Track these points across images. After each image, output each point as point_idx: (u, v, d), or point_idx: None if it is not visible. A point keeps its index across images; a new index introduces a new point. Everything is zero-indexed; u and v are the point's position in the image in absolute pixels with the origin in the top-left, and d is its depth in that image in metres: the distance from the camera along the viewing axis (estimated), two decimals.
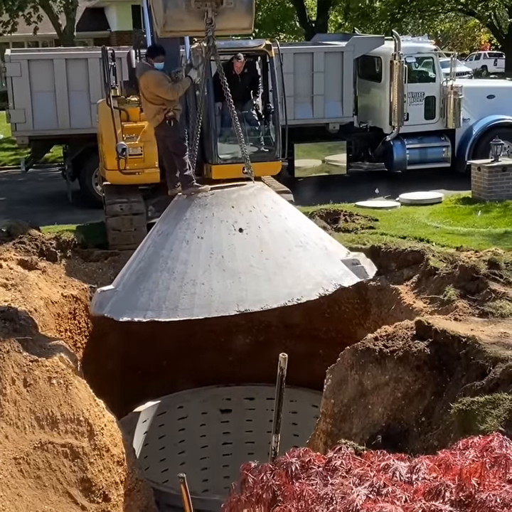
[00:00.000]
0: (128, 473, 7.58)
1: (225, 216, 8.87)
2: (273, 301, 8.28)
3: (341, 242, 11.54)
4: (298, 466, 3.93)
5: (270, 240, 8.92)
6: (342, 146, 17.40)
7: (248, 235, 8.84)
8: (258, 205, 9.13)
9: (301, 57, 16.88)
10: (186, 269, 8.50)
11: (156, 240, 8.84)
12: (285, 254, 8.85)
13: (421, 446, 6.58)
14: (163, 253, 8.65)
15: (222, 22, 8.56)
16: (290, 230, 9.17)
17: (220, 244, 8.71)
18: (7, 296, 9.02)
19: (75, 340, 10.32)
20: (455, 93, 17.32)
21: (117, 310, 8.46)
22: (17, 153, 21.74)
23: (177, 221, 8.85)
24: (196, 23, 8.56)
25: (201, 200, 8.97)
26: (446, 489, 3.46)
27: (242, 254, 8.70)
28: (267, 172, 12.70)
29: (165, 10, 8.46)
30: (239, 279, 8.44)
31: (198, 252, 8.65)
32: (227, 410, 11.35)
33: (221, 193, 9.05)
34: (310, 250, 9.10)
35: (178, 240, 8.70)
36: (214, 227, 8.78)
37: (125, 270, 8.98)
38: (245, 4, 8.61)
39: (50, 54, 17.18)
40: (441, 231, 12.30)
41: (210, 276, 8.45)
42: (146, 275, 8.55)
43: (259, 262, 8.70)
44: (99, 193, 14.94)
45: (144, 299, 8.34)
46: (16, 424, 6.77)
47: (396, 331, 7.69)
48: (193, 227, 8.76)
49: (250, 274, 8.54)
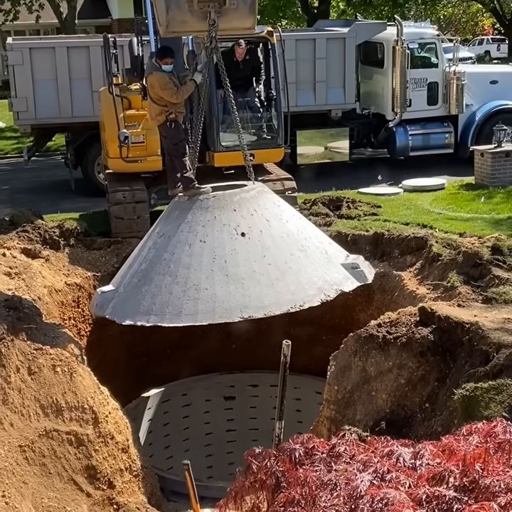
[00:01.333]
0: (133, 460, 7.61)
1: (228, 220, 8.87)
2: (276, 307, 8.30)
3: (344, 229, 11.56)
4: (302, 453, 3.95)
5: (272, 244, 8.95)
6: (344, 132, 17.34)
7: (250, 240, 8.86)
8: (260, 209, 9.16)
9: (303, 43, 16.81)
10: (189, 273, 8.51)
11: (158, 242, 8.81)
12: (287, 259, 8.89)
13: (425, 432, 6.60)
14: (166, 256, 8.65)
15: (225, 22, 8.54)
16: (291, 233, 9.21)
17: (223, 249, 8.71)
18: (11, 284, 9.03)
19: (79, 328, 10.34)
20: (458, 79, 17.24)
21: (119, 313, 8.45)
22: (19, 142, 21.72)
23: (179, 223, 8.83)
24: (199, 23, 8.54)
25: (203, 203, 8.95)
26: (450, 475, 3.47)
27: (244, 259, 8.72)
28: (270, 159, 12.68)
29: (167, 11, 8.42)
30: (242, 285, 8.46)
31: (200, 256, 8.65)
32: (231, 397, 11.38)
33: (223, 195, 9.03)
34: (311, 255, 9.17)
35: (181, 243, 8.71)
36: (216, 231, 8.78)
37: (125, 270, 8.92)
38: (248, 4, 8.58)
39: (51, 42, 17.12)
40: (444, 217, 12.27)
41: (213, 282, 8.47)
42: (148, 278, 8.52)
43: (261, 267, 8.72)
44: (102, 181, 14.92)
45: (146, 302, 8.33)
46: (20, 412, 6.79)
47: (399, 318, 7.70)
48: (195, 231, 8.75)
49: (253, 279, 8.56)
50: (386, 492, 3.36)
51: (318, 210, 12.55)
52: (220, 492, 4.76)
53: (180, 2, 8.38)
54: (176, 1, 8.38)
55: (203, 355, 11.17)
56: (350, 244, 11.28)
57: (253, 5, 8.61)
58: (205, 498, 6.84)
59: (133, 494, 7.48)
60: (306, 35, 17.69)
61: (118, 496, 7.28)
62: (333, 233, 11.52)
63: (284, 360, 6.70)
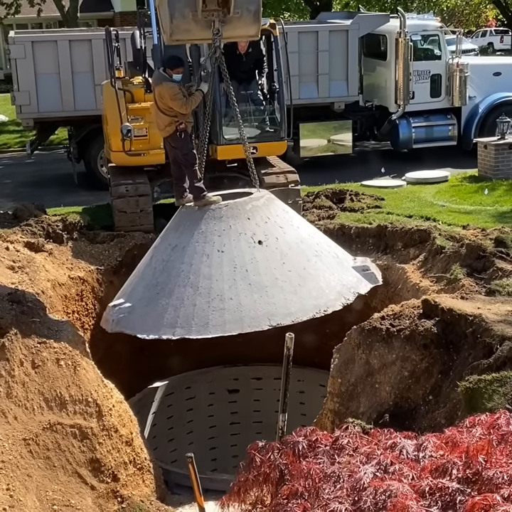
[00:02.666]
0: (137, 453, 7.62)
1: (243, 228, 8.95)
2: (302, 313, 8.39)
3: (348, 222, 11.55)
4: (305, 445, 3.96)
5: (289, 251, 9.05)
6: (347, 125, 17.31)
7: (268, 247, 8.95)
8: (272, 216, 9.27)
9: (305, 36, 16.77)
10: (211, 284, 8.54)
11: (172, 254, 8.81)
12: (305, 265, 9.02)
13: (428, 424, 6.60)
14: (183, 267, 8.66)
15: (229, 30, 8.57)
16: (304, 239, 9.36)
17: (242, 258, 8.78)
18: (14, 278, 9.04)
19: (83, 322, 10.35)
20: (461, 71, 17.19)
21: (140, 327, 8.43)
22: (22, 136, 21.71)
23: (192, 234, 8.86)
24: (203, 32, 8.56)
25: (216, 213, 8.98)
26: (453, 467, 3.47)
27: (265, 267, 8.80)
28: (273, 152, 12.66)
29: (171, 20, 8.42)
30: (266, 293, 8.51)
31: (220, 266, 8.70)
32: (235, 390, 11.39)
33: (235, 204, 9.10)
34: (325, 259, 9.34)
35: (197, 254, 8.74)
36: (233, 240, 8.84)
37: (136, 283, 8.87)
38: (252, 13, 8.57)
39: (53, 36, 17.11)
40: (448, 210, 12.26)
41: (237, 291, 8.52)
42: (168, 290, 8.51)
43: (282, 274, 8.82)
44: (105, 174, 14.91)
45: (169, 315, 8.34)
46: (24, 405, 6.80)
47: (403, 310, 7.69)
48: (211, 241, 8.80)
49: (276, 287, 8.64)
50: (389, 484, 3.37)
51: (322, 203, 12.55)
52: (224, 485, 4.77)
53: (185, 11, 8.38)
54: (180, 10, 8.38)
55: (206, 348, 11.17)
56: (354, 237, 11.28)
57: (257, 13, 8.61)
58: (209, 490, 6.87)
59: (137, 487, 7.50)
60: (308, 28, 17.64)
61: (122, 489, 7.29)
62: (337, 226, 11.52)
63: (288, 352, 6.71)
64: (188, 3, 8.36)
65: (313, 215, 12.05)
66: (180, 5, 8.38)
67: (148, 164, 12.29)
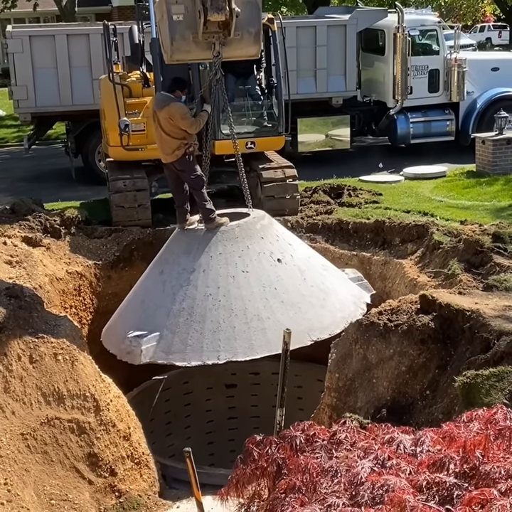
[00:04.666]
0: (134, 447, 7.63)
1: (260, 248, 9.06)
2: (334, 326, 8.54)
3: (345, 217, 11.56)
4: (302, 440, 3.96)
5: (305, 267, 9.27)
6: (345, 120, 17.30)
7: (287, 265, 9.13)
8: (279, 234, 9.48)
9: (303, 31, 16.75)
10: (244, 304, 8.59)
11: (191, 278, 8.77)
12: (321, 280, 9.26)
13: (425, 419, 6.61)
14: (209, 291, 8.66)
15: (229, 51, 8.63)
16: (311, 255, 9.63)
17: (268, 277, 8.88)
18: (12, 273, 9.04)
19: (80, 317, 10.35)
20: (459, 66, 17.17)
21: (178, 355, 8.36)
22: (20, 130, 21.68)
23: (210, 256, 8.87)
24: (203, 52, 8.63)
25: (230, 234, 9.02)
26: (450, 461, 3.48)
27: (290, 284, 8.95)
28: (270, 147, 12.65)
29: (172, 42, 8.45)
30: (299, 309, 8.62)
31: (248, 286, 8.76)
32: (233, 385, 11.38)
33: (245, 224, 9.19)
34: (332, 273, 9.66)
35: (222, 276, 8.75)
36: (254, 260, 8.93)
37: (153, 312, 8.77)
38: (253, 35, 8.63)
39: (51, 30, 17.06)
40: (446, 205, 12.26)
41: (272, 309, 8.60)
42: (198, 315, 8.50)
43: (307, 290, 9.00)
44: (103, 169, 14.90)
45: (208, 340, 8.32)
46: (22, 400, 6.81)
47: (400, 305, 7.70)
48: (233, 262, 8.84)
49: (306, 302, 8.77)
50: (387, 479, 3.37)
51: (319, 198, 12.54)
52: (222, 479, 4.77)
53: (185, 33, 8.42)
54: (181, 32, 8.42)
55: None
56: (352, 232, 11.29)
57: (258, 35, 8.67)
58: (207, 485, 6.87)
59: (134, 482, 7.51)
60: (306, 23, 17.62)
61: (120, 484, 7.31)
62: (334, 221, 11.52)
63: (285, 347, 6.72)
64: (188, 25, 8.41)
65: (311, 210, 12.05)
66: (180, 27, 8.42)
67: (146, 159, 12.27)
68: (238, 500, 4.10)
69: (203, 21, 8.27)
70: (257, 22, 8.70)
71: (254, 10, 8.65)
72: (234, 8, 8.28)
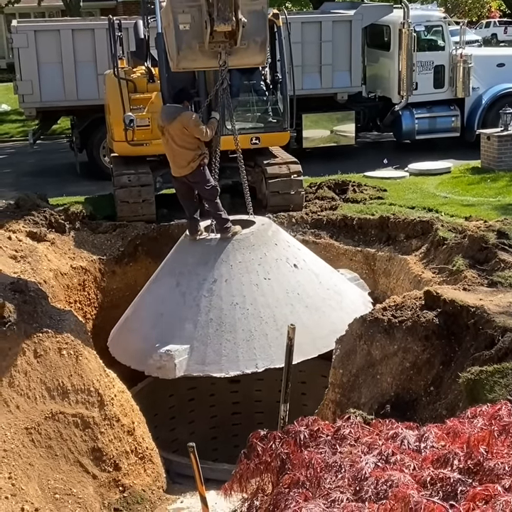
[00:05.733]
0: (138, 442, 7.64)
1: (277, 254, 9.15)
2: None
3: (350, 213, 11.55)
4: (306, 435, 3.96)
5: (318, 270, 9.43)
6: (350, 116, 17.28)
7: (303, 270, 9.24)
8: (288, 239, 9.64)
9: (309, 26, 16.72)
10: (272, 311, 8.64)
11: (214, 289, 8.78)
12: (334, 282, 9.44)
13: (429, 415, 6.61)
14: (235, 300, 8.69)
15: (235, 60, 8.68)
16: (316, 258, 9.76)
17: (289, 282, 8.97)
18: (17, 267, 9.05)
19: (85, 312, 10.36)
20: (464, 62, 17.14)
21: (213, 366, 8.36)
22: (25, 125, 21.68)
23: (230, 266, 8.90)
24: (209, 61, 8.67)
25: (245, 242, 9.07)
26: (454, 457, 3.48)
27: (310, 288, 9.06)
28: (275, 143, 12.64)
29: (178, 51, 8.50)
30: (323, 313, 8.71)
31: (273, 292, 8.83)
32: (236, 380, 11.39)
33: (258, 232, 9.26)
34: (336, 274, 9.81)
35: (245, 285, 8.80)
36: (273, 267, 9.01)
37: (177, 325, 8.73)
38: (259, 44, 8.66)
39: (56, 25, 17.06)
40: (450, 201, 12.24)
41: (299, 315, 8.66)
42: (228, 325, 8.52)
43: (325, 293, 9.15)
44: (107, 164, 14.90)
45: (243, 349, 8.34)
46: (26, 394, 6.82)
47: (405, 301, 7.69)
48: (254, 270, 8.90)
49: (327, 306, 8.89)
50: (390, 474, 3.37)
51: (324, 194, 12.53)
52: (225, 474, 4.78)
53: (192, 43, 8.47)
54: (187, 42, 8.47)
55: None
56: (356, 228, 11.28)
57: (264, 44, 8.71)
58: (211, 480, 6.87)
59: (138, 476, 7.52)
60: (312, 18, 17.60)
61: (124, 478, 7.32)
62: (339, 217, 11.51)
63: (289, 343, 6.72)
64: (195, 35, 8.45)
65: (315, 206, 12.04)
66: (187, 37, 8.46)
67: (151, 154, 12.28)
68: (242, 495, 4.10)
69: (209, 31, 8.30)
70: (263, 31, 8.73)
71: (261, 19, 8.69)
72: (240, 19, 8.31)
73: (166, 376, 8.55)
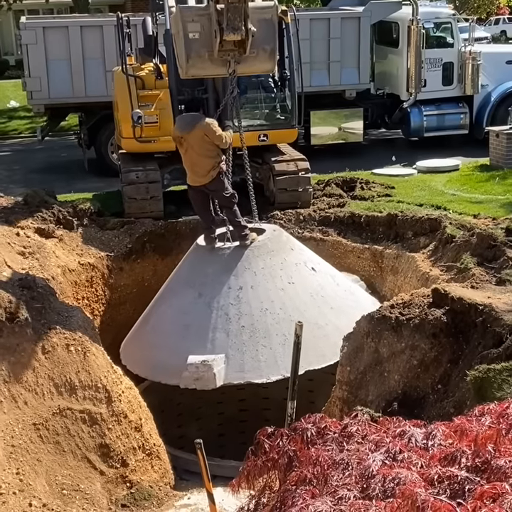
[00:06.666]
0: (145, 438, 7.65)
1: (295, 259, 9.27)
2: None
3: (358, 210, 11.54)
4: (314, 432, 3.96)
5: (333, 272, 9.61)
6: (358, 113, 17.27)
7: (320, 272, 9.39)
8: (299, 244, 9.74)
9: (317, 23, 16.71)
10: (302, 315, 8.62)
11: (241, 296, 8.80)
12: (347, 283, 9.64)
13: (437, 413, 6.60)
14: (265, 305, 8.74)
15: (244, 68, 8.70)
16: (322, 261, 9.87)
17: (311, 285, 9.09)
18: (25, 264, 9.07)
19: (92, 308, 10.38)
20: (473, 59, 17.10)
21: (253, 373, 8.38)
22: (33, 122, 21.73)
23: (254, 272, 8.94)
24: (218, 69, 8.69)
25: (264, 248, 9.13)
26: (462, 455, 3.47)
27: (330, 290, 9.23)
28: (283, 140, 12.63)
29: (187, 60, 8.51)
30: (347, 313, 8.74)
31: (298, 296, 8.92)
32: None
33: (274, 237, 9.36)
34: (342, 275, 9.98)
35: (272, 290, 8.86)
36: (294, 271, 9.10)
37: (208, 334, 8.70)
38: (268, 52, 8.67)
39: (65, 21, 17.10)
40: (459, 199, 12.22)
41: (327, 317, 8.78)
42: (262, 331, 8.55)
43: (343, 294, 9.32)
44: (115, 161, 14.92)
45: (280, 353, 8.36)
46: (34, 390, 6.83)
47: (412, 299, 7.68)
48: (278, 275, 8.97)
49: (349, 307, 8.98)
50: (398, 472, 3.36)
51: (332, 191, 12.52)
52: (232, 471, 4.78)
53: (201, 51, 8.49)
54: (197, 50, 8.49)
55: None
56: (364, 225, 11.27)
57: (273, 52, 8.72)
58: (218, 476, 6.89)
59: (146, 472, 7.53)
60: (320, 15, 17.59)
61: (131, 474, 7.33)
62: (347, 214, 11.50)
63: (297, 340, 6.72)
64: (204, 43, 8.46)
65: (323, 203, 12.03)
66: (196, 45, 8.47)
67: (159, 151, 12.29)
68: (249, 492, 4.10)
69: (218, 40, 8.31)
70: (272, 39, 8.73)
71: (270, 28, 8.68)
72: (250, 28, 8.31)
73: (205, 387, 8.51)
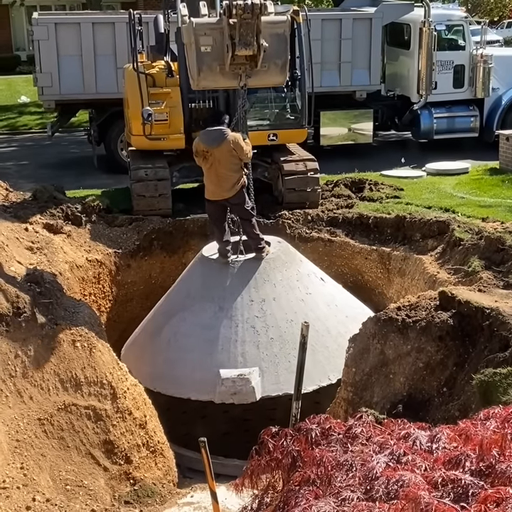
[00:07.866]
0: (150, 436, 7.66)
1: (306, 270, 9.46)
2: None
3: (366, 212, 11.53)
4: (318, 433, 3.96)
5: (334, 282, 9.81)
6: (369, 114, 17.24)
7: (328, 283, 9.64)
8: (303, 256, 9.86)
9: (329, 23, 16.68)
10: (324, 324, 8.88)
11: (264, 309, 8.87)
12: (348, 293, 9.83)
13: (442, 416, 6.59)
14: (289, 317, 8.85)
15: (256, 81, 8.75)
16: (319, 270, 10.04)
17: (325, 295, 9.29)
18: (32, 259, 9.10)
19: (99, 305, 10.40)
20: (485, 62, 17.04)
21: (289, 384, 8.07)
22: (43, 117, 21.76)
23: (273, 285, 9.04)
24: (229, 81, 8.75)
25: (279, 261, 9.25)
26: (466, 459, 3.46)
27: (340, 299, 9.48)
28: (293, 140, 12.63)
29: (199, 73, 8.57)
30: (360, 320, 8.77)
31: (318, 306, 9.10)
32: None
33: (284, 249, 9.51)
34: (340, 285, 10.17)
35: (293, 301, 8.99)
36: (309, 282, 9.29)
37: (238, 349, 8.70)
38: (279, 66, 8.71)
39: (77, 18, 17.10)
40: (467, 202, 12.19)
41: (345, 325, 8.89)
42: (290, 342, 8.57)
43: (350, 303, 9.55)
44: (125, 158, 14.94)
45: (311, 364, 8.19)
46: (40, 385, 6.85)
47: (419, 301, 7.67)
48: (295, 287, 9.10)
49: (359, 313, 9.05)
50: (402, 474, 3.36)
51: (340, 192, 12.51)
52: (236, 470, 4.79)
53: (212, 65, 8.53)
54: (208, 63, 8.53)
55: None
56: (372, 226, 11.26)
57: (284, 66, 8.76)
58: (221, 475, 6.90)
59: (149, 470, 7.54)
60: (332, 15, 17.55)
61: (135, 471, 7.34)
62: (355, 215, 11.49)
63: (303, 340, 6.72)
64: (216, 57, 8.49)
65: (331, 203, 12.02)
66: (208, 58, 8.50)
67: (168, 149, 12.29)
68: (252, 491, 4.11)
69: (230, 55, 8.34)
70: (284, 54, 8.75)
71: (282, 42, 8.71)
72: (262, 44, 8.33)
73: (243, 401, 8.56)
